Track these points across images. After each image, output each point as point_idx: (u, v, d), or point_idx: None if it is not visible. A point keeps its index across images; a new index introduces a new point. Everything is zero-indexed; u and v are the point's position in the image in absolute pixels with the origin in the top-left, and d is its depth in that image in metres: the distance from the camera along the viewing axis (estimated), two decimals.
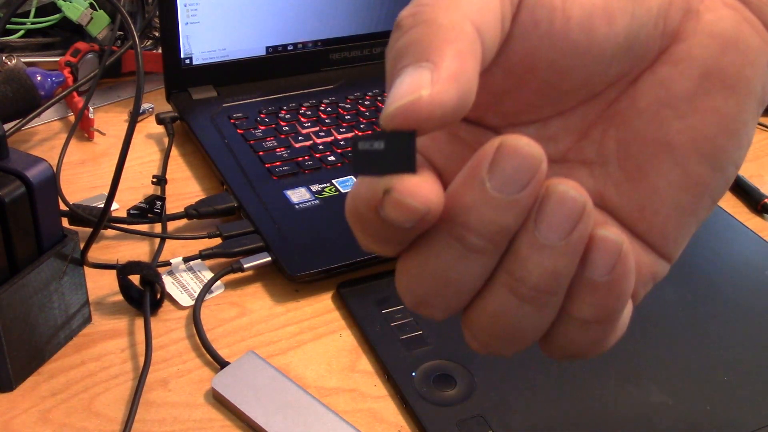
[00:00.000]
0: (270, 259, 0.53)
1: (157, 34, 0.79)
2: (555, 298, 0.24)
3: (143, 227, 0.57)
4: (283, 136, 0.65)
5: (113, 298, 0.51)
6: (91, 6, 0.74)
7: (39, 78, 0.65)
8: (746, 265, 0.57)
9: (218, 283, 0.52)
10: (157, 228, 0.57)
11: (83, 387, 0.45)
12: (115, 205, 0.59)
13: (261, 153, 0.63)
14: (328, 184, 0.60)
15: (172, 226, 0.57)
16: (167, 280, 0.52)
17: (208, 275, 0.53)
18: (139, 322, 0.49)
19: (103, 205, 0.48)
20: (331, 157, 0.63)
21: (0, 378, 0.44)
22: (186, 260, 0.53)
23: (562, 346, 0.26)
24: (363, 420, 0.44)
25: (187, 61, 0.70)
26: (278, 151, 0.63)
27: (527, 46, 0.24)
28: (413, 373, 0.46)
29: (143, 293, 0.49)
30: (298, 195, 0.58)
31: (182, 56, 0.69)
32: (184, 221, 0.57)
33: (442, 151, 0.26)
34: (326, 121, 0.68)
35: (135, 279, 0.50)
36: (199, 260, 0.53)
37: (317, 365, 0.47)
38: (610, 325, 0.25)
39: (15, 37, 0.75)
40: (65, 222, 0.53)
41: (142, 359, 0.46)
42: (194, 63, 0.70)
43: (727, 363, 0.48)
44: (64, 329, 0.47)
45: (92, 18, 0.73)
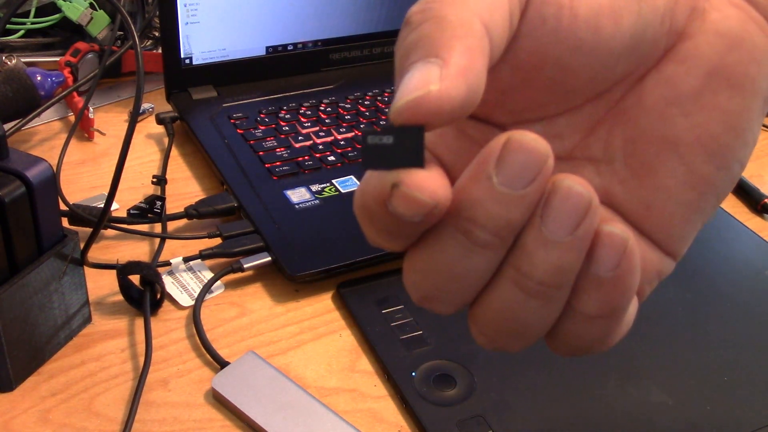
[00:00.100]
0: (270, 259, 0.53)
1: (157, 34, 0.79)
2: (561, 293, 0.24)
3: (143, 227, 0.57)
4: (283, 136, 0.65)
5: (113, 298, 0.51)
6: (91, 6, 0.74)
7: (39, 78, 0.65)
8: (746, 265, 0.57)
9: (218, 283, 0.52)
10: (157, 228, 0.57)
11: (83, 387, 0.45)
12: (115, 205, 0.59)
13: (261, 153, 0.63)
14: (328, 184, 0.60)
15: (172, 226, 0.57)
16: (167, 280, 0.52)
17: (208, 275, 0.53)
18: (139, 322, 0.49)
19: (103, 205, 0.48)
20: (331, 157, 0.63)
21: (0, 378, 0.44)
22: (186, 260, 0.53)
23: (567, 341, 0.26)
24: (363, 420, 0.44)
25: (187, 61, 0.70)
26: (278, 151, 0.63)
27: (535, 44, 0.24)
28: (413, 373, 0.46)
29: (143, 293, 0.49)
30: (298, 195, 0.58)
31: (182, 56, 0.69)
32: (184, 221, 0.57)
33: (450, 148, 0.27)
34: (326, 121, 0.68)
35: (135, 279, 0.50)
36: (199, 260, 0.53)
37: (317, 365, 0.47)
38: (615, 321, 0.25)
39: (15, 37, 0.75)
40: (65, 222, 0.53)
41: (142, 359, 0.46)
42: (194, 63, 0.70)
43: (727, 363, 0.48)
44: (64, 329, 0.47)
45: (92, 18, 0.73)
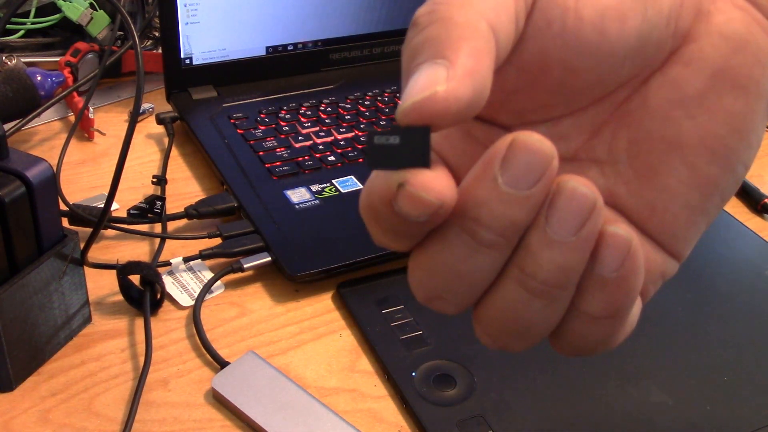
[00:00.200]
0: (270, 259, 0.53)
1: (157, 34, 0.79)
2: (565, 293, 0.24)
3: (143, 227, 0.57)
4: (283, 136, 0.65)
5: (113, 298, 0.51)
6: (91, 6, 0.74)
7: (39, 78, 0.65)
8: (746, 265, 0.57)
9: (218, 283, 0.52)
10: (157, 228, 0.57)
11: (83, 387, 0.45)
12: (115, 205, 0.59)
13: (261, 153, 0.63)
14: (328, 184, 0.60)
15: (172, 226, 0.57)
16: (167, 280, 0.52)
17: (208, 275, 0.53)
18: (139, 322, 0.49)
19: (103, 205, 0.48)
20: (331, 157, 0.63)
21: (0, 378, 0.44)
22: (186, 260, 0.53)
23: (571, 341, 0.26)
24: (363, 420, 0.44)
25: (187, 61, 0.70)
26: (278, 151, 0.63)
27: (540, 46, 0.24)
28: (413, 373, 0.46)
29: (143, 293, 0.49)
30: (298, 195, 0.58)
31: (182, 56, 0.69)
32: (184, 221, 0.57)
33: (455, 149, 0.27)
34: (326, 121, 0.68)
35: (135, 279, 0.50)
36: (199, 260, 0.53)
37: (317, 365, 0.47)
38: (619, 321, 0.25)
39: (15, 37, 0.75)
40: (65, 222, 0.53)
41: (142, 359, 0.46)
42: (194, 63, 0.70)
43: (727, 363, 0.48)
44: (64, 329, 0.47)
45: (92, 18, 0.73)
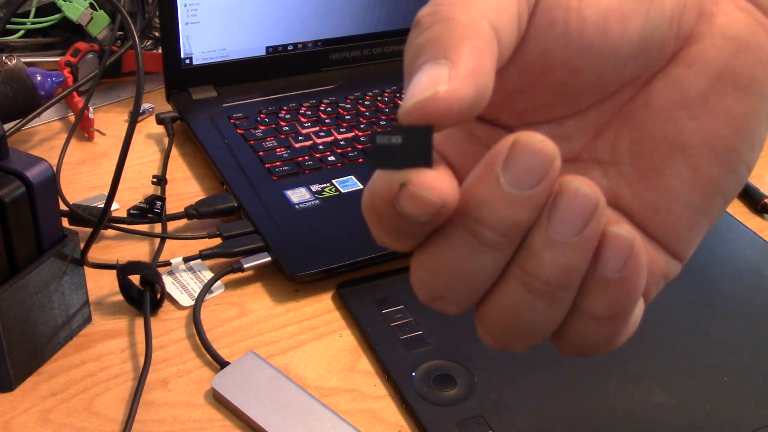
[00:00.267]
0: (270, 259, 0.53)
1: (157, 34, 0.79)
2: (567, 293, 0.24)
3: (143, 227, 0.57)
4: (283, 136, 0.65)
5: (113, 298, 0.51)
6: (91, 6, 0.74)
7: (39, 78, 0.65)
8: (746, 265, 0.57)
9: (218, 283, 0.52)
10: (157, 228, 0.57)
11: (83, 387, 0.45)
12: (115, 205, 0.59)
13: (261, 153, 0.63)
14: (328, 184, 0.60)
15: (172, 226, 0.57)
16: (167, 280, 0.52)
17: (208, 275, 0.53)
18: (139, 322, 0.49)
19: (103, 205, 0.48)
20: (331, 157, 0.63)
21: (0, 378, 0.44)
22: (186, 260, 0.53)
23: (573, 342, 0.26)
24: (363, 420, 0.44)
25: (187, 61, 0.70)
26: (278, 151, 0.63)
27: (543, 46, 0.24)
28: (413, 373, 0.46)
29: (143, 293, 0.49)
30: (298, 195, 0.58)
31: (182, 56, 0.69)
32: (184, 221, 0.57)
33: (458, 149, 0.27)
34: (326, 121, 0.68)
35: (135, 279, 0.50)
36: (199, 260, 0.53)
37: (317, 365, 0.47)
38: (621, 322, 0.25)
39: (15, 37, 0.75)
40: (65, 222, 0.53)
41: (142, 359, 0.46)
42: (194, 63, 0.70)
43: (728, 363, 0.48)
44: (64, 329, 0.47)
45: (92, 18, 0.73)
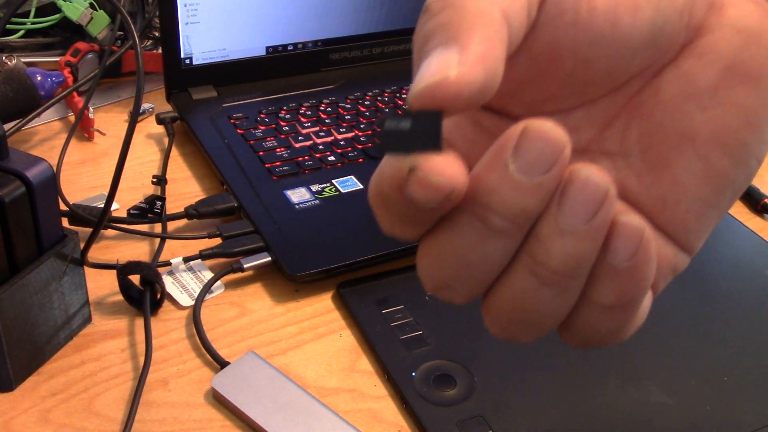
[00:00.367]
0: (270, 259, 0.53)
1: (157, 34, 0.79)
2: (576, 282, 0.24)
3: (143, 227, 0.57)
4: (283, 136, 0.65)
5: (113, 298, 0.51)
6: (91, 6, 0.74)
7: (39, 78, 0.65)
8: (746, 265, 0.57)
9: (218, 283, 0.52)
10: (157, 228, 0.57)
11: (83, 387, 0.45)
12: (115, 205, 0.59)
13: (261, 153, 0.63)
14: (328, 184, 0.60)
15: (172, 226, 0.57)
16: (167, 280, 0.52)
17: (208, 275, 0.53)
18: (139, 322, 0.49)
19: (103, 205, 0.48)
20: (331, 157, 0.63)
21: (0, 378, 0.44)
22: (186, 260, 0.53)
23: (581, 333, 0.26)
24: (363, 420, 0.44)
25: (187, 61, 0.70)
26: (278, 151, 0.63)
27: (552, 35, 0.24)
28: (413, 373, 0.46)
29: (143, 293, 0.49)
30: (298, 195, 0.58)
31: (182, 56, 0.69)
32: (184, 221, 0.57)
33: (466, 139, 0.27)
34: (326, 121, 0.68)
35: (135, 279, 0.50)
36: (199, 260, 0.53)
37: (317, 365, 0.47)
38: (629, 312, 0.25)
39: (15, 37, 0.75)
40: (65, 222, 0.53)
41: (142, 359, 0.46)
42: (194, 63, 0.70)
43: (727, 363, 0.48)
44: (64, 329, 0.47)
45: (92, 18, 0.73)
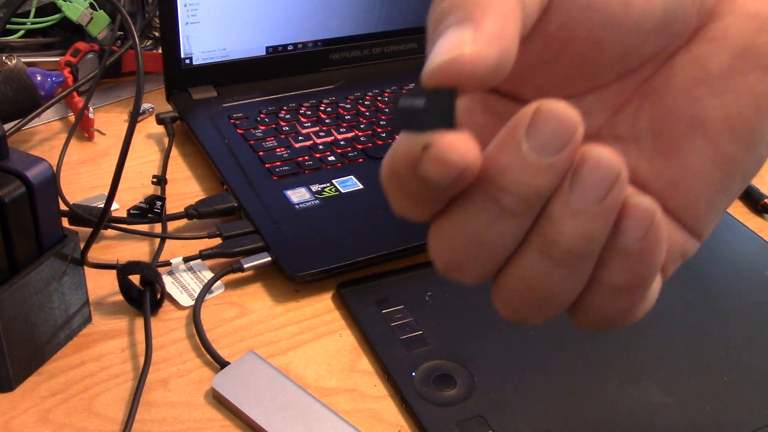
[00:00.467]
0: (270, 259, 0.53)
1: (157, 34, 0.79)
2: (587, 263, 0.24)
3: (143, 227, 0.57)
4: (283, 136, 0.65)
5: (113, 298, 0.51)
6: (91, 6, 0.74)
7: (39, 78, 0.65)
8: (746, 265, 0.57)
9: (218, 283, 0.52)
10: (157, 228, 0.57)
11: (83, 387, 0.45)
12: (115, 205, 0.59)
13: (261, 153, 0.63)
14: (328, 184, 0.60)
15: (172, 226, 0.57)
16: (167, 280, 0.52)
17: (208, 275, 0.53)
18: (139, 322, 0.49)
19: (103, 205, 0.48)
20: (331, 157, 0.63)
21: (0, 378, 0.44)
22: (186, 260, 0.53)
23: (591, 315, 0.26)
24: (363, 420, 0.44)
25: (187, 61, 0.70)
26: (278, 151, 0.63)
27: (566, 17, 0.24)
28: (413, 373, 0.46)
29: (143, 293, 0.49)
30: (298, 195, 0.58)
31: (182, 56, 0.69)
32: (184, 221, 0.57)
33: (477, 123, 0.27)
34: (326, 121, 0.68)
35: (135, 279, 0.50)
36: (199, 260, 0.53)
37: (317, 365, 0.47)
38: (639, 294, 0.25)
39: (15, 37, 0.75)
40: (65, 222, 0.53)
41: (142, 359, 0.46)
42: (194, 63, 0.70)
43: (727, 363, 0.48)
44: (64, 329, 0.47)
45: (92, 18, 0.73)
